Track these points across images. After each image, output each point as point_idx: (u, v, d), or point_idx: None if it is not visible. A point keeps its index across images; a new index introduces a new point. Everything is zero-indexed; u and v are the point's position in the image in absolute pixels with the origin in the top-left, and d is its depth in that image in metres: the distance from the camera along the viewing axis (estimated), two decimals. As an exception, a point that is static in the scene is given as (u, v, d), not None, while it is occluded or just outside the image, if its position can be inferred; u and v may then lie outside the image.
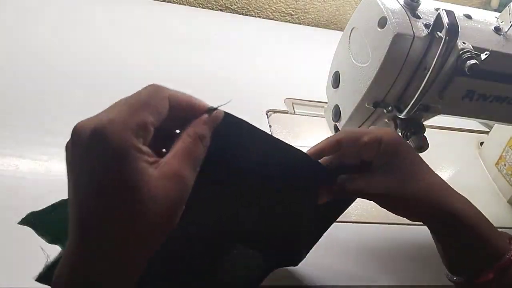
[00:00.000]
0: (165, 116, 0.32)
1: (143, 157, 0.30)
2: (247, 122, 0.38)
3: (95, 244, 0.29)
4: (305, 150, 0.46)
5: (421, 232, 0.69)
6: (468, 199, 0.74)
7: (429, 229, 0.48)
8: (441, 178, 0.47)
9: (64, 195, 0.58)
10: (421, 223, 0.49)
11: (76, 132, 0.30)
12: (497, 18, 0.56)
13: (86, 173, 0.29)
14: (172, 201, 0.31)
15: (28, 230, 0.52)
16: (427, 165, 0.47)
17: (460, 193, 0.47)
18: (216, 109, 0.36)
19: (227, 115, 0.36)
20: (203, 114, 0.35)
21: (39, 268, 0.49)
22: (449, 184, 0.47)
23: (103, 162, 0.29)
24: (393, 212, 0.48)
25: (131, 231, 0.30)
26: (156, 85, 0.33)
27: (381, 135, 0.45)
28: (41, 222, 0.39)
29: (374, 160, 0.45)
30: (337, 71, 0.60)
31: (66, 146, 0.31)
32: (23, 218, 0.38)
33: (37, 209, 0.38)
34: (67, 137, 0.46)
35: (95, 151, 0.29)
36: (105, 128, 0.29)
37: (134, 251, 0.30)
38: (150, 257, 0.32)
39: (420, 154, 0.54)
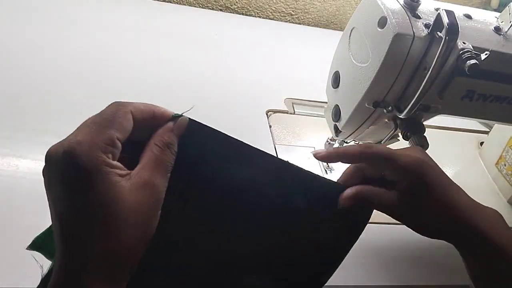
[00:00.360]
0: (131, 129, 0.34)
1: (114, 171, 0.31)
2: (212, 129, 0.38)
3: (80, 261, 0.31)
4: (305, 150, 0.45)
5: (421, 232, 0.69)
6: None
7: (459, 252, 0.47)
8: (470, 198, 0.46)
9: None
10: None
11: (49, 157, 0.31)
12: (497, 18, 0.56)
13: (64, 195, 0.31)
14: (147, 208, 0.33)
15: (27, 231, 0.52)
16: (456, 186, 0.46)
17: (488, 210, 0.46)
18: (180, 116, 0.37)
19: (191, 121, 0.36)
20: (168, 122, 0.36)
21: (38, 268, 0.49)
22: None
23: (77, 182, 0.30)
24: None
25: (113, 244, 0.31)
26: (118, 102, 0.35)
27: (405, 162, 0.44)
28: (47, 244, 0.38)
29: (397, 183, 0.44)
30: (337, 71, 0.60)
31: (43, 171, 0.32)
32: (30, 244, 0.39)
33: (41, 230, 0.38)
34: (67, 137, 0.46)
35: (69, 173, 0.31)
36: (74, 150, 0.30)
37: (119, 263, 0.32)
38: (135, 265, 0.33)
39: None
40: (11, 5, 0.85)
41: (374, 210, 0.60)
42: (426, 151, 0.54)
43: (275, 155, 0.42)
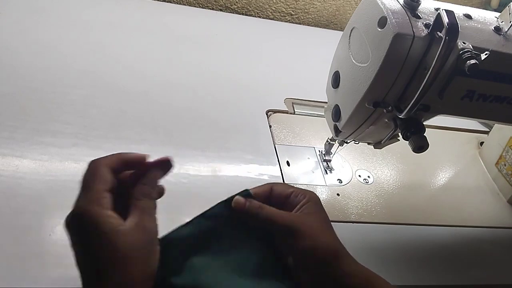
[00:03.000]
0: (113, 179, 0.42)
1: (109, 220, 0.39)
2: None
3: None
4: (305, 150, 0.46)
5: (421, 232, 0.69)
6: (468, 199, 0.75)
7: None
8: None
9: (63, 195, 0.58)
10: (420, 223, 0.48)
11: (66, 225, 0.40)
12: (497, 18, 0.56)
13: (80, 249, 0.40)
14: (143, 246, 0.41)
15: (27, 231, 0.52)
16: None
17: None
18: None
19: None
20: (144, 176, 0.44)
21: (38, 268, 0.49)
22: (449, 184, 0.47)
23: (83, 237, 0.40)
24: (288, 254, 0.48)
25: (122, 277, 0.39)
26: (92, 161, 0.42)
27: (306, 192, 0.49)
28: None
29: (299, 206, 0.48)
30: (337, 71, 0.60)
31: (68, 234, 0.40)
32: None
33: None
34: (67, 137, 0.46)
35: (76, 232, 0.40)
36: (76, 214, 0.39)
37: None
38: None
39: (420, 154, 0.55)
40: (11, 5, 0.85)
41: (374, 211, 0.60)
42: (427, 151, 0.54)
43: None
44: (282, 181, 0.68)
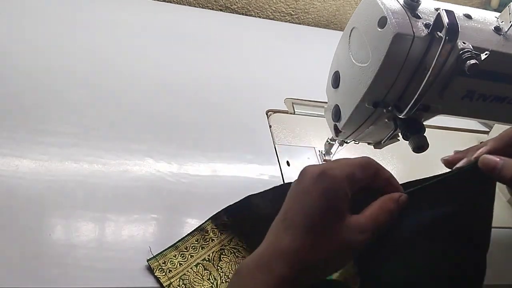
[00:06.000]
0: (369, 181, 0.41)
1: (346, 199, 0.39)
2: None
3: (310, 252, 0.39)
4: (305, 150, 0.45)
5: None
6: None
7: None
8: None
9: (63, 195, 0.59)
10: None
11: (305, 171, 0.41)
12: (497, 18, 0.56)
13: (308, 203, 0.39)
14: (351, 249, 0.39)
15: (27, 231, 0.52)
16: None
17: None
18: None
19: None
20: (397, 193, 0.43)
21: (38, 268, 0.49)
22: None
23: (319, 196, 0.39)
24: None
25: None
26: (369, 158, 0.43)
27: None
28: None
29: None
30: (337, 71, 0.60)
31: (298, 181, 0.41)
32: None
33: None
34: (67, 137, 0.46)
35: (316, 187, 0.39)
36: (326, 171, 0.39)
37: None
38: None
39: (420, 154, 0.55)
40: (11, 4, 0.85)
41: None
42: (427, 151, 0.54)
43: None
44: (282, 182, 0.68)
